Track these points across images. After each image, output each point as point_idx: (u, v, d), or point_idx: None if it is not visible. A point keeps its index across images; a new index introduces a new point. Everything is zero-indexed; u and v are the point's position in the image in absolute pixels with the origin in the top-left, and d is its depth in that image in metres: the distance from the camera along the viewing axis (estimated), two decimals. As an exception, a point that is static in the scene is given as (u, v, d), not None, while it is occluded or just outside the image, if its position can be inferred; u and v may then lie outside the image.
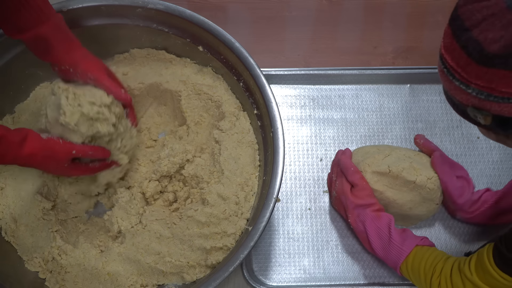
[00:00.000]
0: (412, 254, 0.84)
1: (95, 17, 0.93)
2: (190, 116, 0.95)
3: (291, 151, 1.03)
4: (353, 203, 0.90)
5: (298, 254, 0.96)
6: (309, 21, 1.19)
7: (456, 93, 0.61)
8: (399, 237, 0.86)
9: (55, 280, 0.86)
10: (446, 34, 0.60)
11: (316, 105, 1.07)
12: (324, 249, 0.97)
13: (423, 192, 0.90)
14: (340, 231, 0.98)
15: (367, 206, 0.90)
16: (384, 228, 0.87)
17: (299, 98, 1.08)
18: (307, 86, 1.08)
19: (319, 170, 1.02)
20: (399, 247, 0.85)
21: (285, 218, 0.99)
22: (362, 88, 1.08)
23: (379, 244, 0.88)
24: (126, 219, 0.87)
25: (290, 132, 1.05)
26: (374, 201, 0.90)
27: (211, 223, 0.84)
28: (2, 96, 0.94)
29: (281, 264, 0.96)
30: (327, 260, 0.96)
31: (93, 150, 0.82)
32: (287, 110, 1.06)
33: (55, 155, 0.79)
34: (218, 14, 1.18)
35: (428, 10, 1.20)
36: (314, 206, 1.00)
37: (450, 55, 0.59)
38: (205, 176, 0.88)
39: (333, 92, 1.08)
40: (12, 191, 0.91)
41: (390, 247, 0.86)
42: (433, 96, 1.08)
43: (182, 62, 0.98)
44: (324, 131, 1.05)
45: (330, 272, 0.95)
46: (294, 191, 1.01)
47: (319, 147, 1.04)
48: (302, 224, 0.98)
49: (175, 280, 0.86)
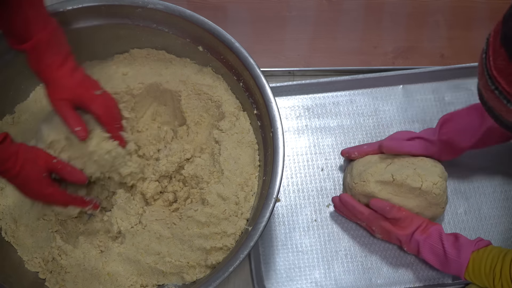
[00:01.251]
0: (470, 263, 0.83)
1: (95, 17, 0.92)
2: (190, 116, 0.95)
3: (291, 163, 1.03)
4: (404, 236, 0.89)
5: (309, 267, 0.96)
6: (309, 21, 1.19)
7: (508, 115, 0.59)
8: (454, 249, 0.85)
9: (55, 280, 0.86)
10: (496, 53, 0.56)
11: (311, 115, 1.06)
12: (333, 259, 0.96)
13: (429, 197, 0.90)
14: (348, 240, 0.97)
15: (415, 229, 0.89)
16: (437, 244, 0.87)
17: (293, 109, 1.07)
18: (300, 96, 1.08)
19: (321, 180, 1.02)
20: (456, 260, 0.84)
21: (292, 231, 0.98)
22: (356, 93, 1.08)
23: (437, 262, 0.87)
24: (125, 219, 0.87)
25: (289, 144, 1.04)
26: (419, 222, 0.89)
27: (211, 223, 0.84)
28: (2, 96, 0.94)
29: (292, 279, 0.95)
30: (338, 271, 0.95)
31: (71, 167, 0.81)
32: (283, 122, 1.05)
33: (36, 159, 0.77)
34: (218, 14, 1.17)
35: (428, 10, 1.20)
36: (320, 217, 0.99)
37: (505, 79, 0.56)
38: (205, 176, 0.88)
39: (327, 99, 1.08)
40: (12, 191, 0.91)
41: (448, 262, 0.85)
42: (427, 95, 1.08)
43: (182, 62, 0.98)
44: (322, 140, 1.05)
45: (342, 283, 0.95)
46: (299, 204, 1.00)
47: (319, 156, 1.04)
48: (310, 236, 0.98)
49: (175, 280, 0.86)
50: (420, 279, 0.94)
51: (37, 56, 0.77)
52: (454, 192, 1.01)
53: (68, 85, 0.79)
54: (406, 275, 0.95)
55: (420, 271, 0.95)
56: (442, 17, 1.19)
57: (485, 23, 1.20)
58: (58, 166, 0.80)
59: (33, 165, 0.77)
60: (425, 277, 0.95)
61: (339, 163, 1.03)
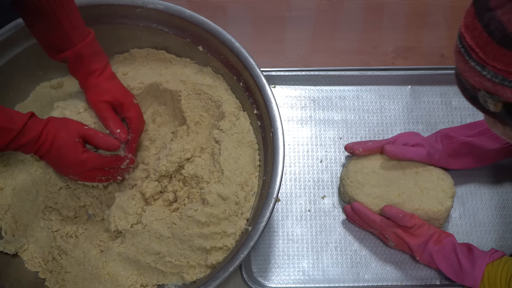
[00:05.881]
0: (485, 276, 0.83)
1: (95, 17, 0.92)
2: (190, 116, 0.95)
3: (291, 152, 1.03)
4: (416, 246, 0.89)
5: (297, 256, 0.96)
6: (309, 21, 1.19)
7: (470, 75, 0.59)
8: (468, 262, 0.85)
9: (55, 280, 0.86)
10: (468, 13, 0.59)
11: (316, 106, 1.07)
12: (323, 251, 0.96)
13: (429, 212, 0.90)
14: (340, 233, 0.97)
15: (428, 240, 0.89)
16: (451, 255, 0.86)
17: (299, 99, 1.07)
18: (307, 87, 1.08)
19: (319, 171, 1.02)
20: (471, 273, 0.84)
21: (284, 219, 0.98)
22: (363, 89, 1.08)
23: (452, 273, 0.87)
24: (123, 218, 0.87)
25: (291, 133, 1.05)
26: (432, 231, 0.89)
27: (211, 223, 0.84)
28: (2, 96, 0.94)
29: (280, 266, 0.95)
30: (326, 262, 0.96)
31: (102, 133, 0.83)
32: (287, 111, 1.06)
33: (67, 126, 0.79)
34: (218, 14, 1.18)
35: (428, 10, 1.20)
36: (314, 207, 0.99)
37: (470, 34, 0.58)
38: (205, 176, 0.88)
39: (334, 93, 1.08)
40: (12, 191, 0.91)
41: (463, 274, 0.85)
42: (434, 98, 1.08)
43: (182, 62, 0.99)
44: (324, 132, 1.05)
45: (329, 274, 0.95)
46: (294, 193, 1.00)
47: (319, 148, 1.04)
48: (302, 225, 0.98)
49: (175, 280, 0.86)
50: (408, 278, 0.94)
51: (80, 63, 0.84)
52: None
53: (109, 89, 0.87)
54: (394, 273, 0.95)
55: (409, 270, 0.94)
56: (442, 17, 1.19)
57: (485, 23, 1.19)
58: (90, 132, 0.82)
59: (65, 132, 0.79)
60: (413, 277, 0.94)
61: (338, 156, 1.03)
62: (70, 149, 0.80)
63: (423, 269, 0.94)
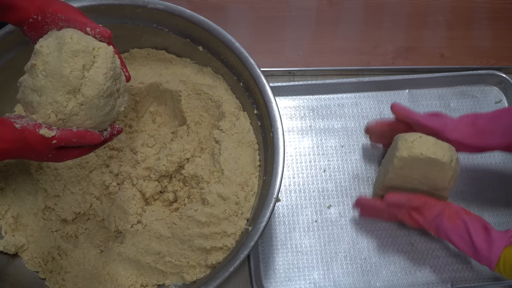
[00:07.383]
0: (501, 259, 0.81)
1: (95, 17, 0.92)
2: (190, 116, 0.96)
3: (293, 163, 1.03)
4: (426, 224, 0.88)
5: (308, 268, 0.96)
6: (309, 21, 1.19)
7: None
8: (484, 243, 0.83)
9: (55, 280, 0.86)
10: None
11: (316, 115, 1.07)
12: (333, 261, 0.96)
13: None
14: (348, 242, 0.97)
15: (437, 216, 0.87)
16: (465, 236, 0.85)
17: (298, 109, 1.07)
18: (305, 96, 1.08)
19: (323, 181, 1.02)
20: (487, 256, 0.82)
21: (292, 231, 0.98)
22: (361, 96, 1.08)
23: (468, 251, 0.85)
24: (123, 218, 0.87)
25: (292, 144, 1.04)
26: (440, 207, 0.87)
27: (211, 223, 0.84)
28: (2, 96, 0.94)
29: (291, 279, 0.95)
30: (337, 272, 0.95)
31: (77, 136, 0.67)
32: (287, 122, 1.06)
33: (32, 147, 0.65)
34: (218, 14, 1.18)
35: (428, 10, 1.20)
36: (321, 218, 0.99)
37: None
38: (205, 176, 0.88)
39: (332, 101, 1.08)
40: (12, 191, 0.91)
41: (479, 256, 0.84)
42: (433, 101, 1.08)
43: (182, 62, 0.99)
44: (325, 141, 1.05)
45: (341, 284, 0.95)
46: (300, 204, 1.00)
47: (321, 157, 1.04)
48: (310, 237, 0.98)
49: (175, 280, 0.86)
50: (419, 284, 0.95)
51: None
52: (455, 195, 1.01)
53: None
54: (406, 279, 0.95)
55: (419, 276, 0.95)
56: (442, 17, 1.19)
57: (485, 23, 1.20)
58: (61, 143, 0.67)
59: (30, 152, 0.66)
60: (424, 282, 0.95)
61: (341, 165, 1.03)
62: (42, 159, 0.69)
63: (434, 274, 0.94)
